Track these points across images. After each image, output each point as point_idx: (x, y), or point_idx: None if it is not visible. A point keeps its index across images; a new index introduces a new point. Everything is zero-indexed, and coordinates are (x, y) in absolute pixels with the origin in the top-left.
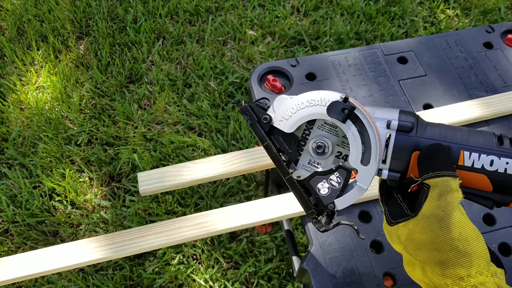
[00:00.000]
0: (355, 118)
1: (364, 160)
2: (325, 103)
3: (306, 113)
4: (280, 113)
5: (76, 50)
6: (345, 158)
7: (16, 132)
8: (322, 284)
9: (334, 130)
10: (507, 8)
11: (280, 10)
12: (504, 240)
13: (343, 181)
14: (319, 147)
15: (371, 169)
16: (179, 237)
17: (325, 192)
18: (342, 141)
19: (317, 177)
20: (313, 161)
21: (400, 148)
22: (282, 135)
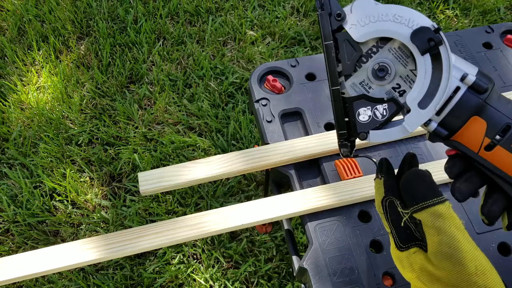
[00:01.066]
0: (436, 56)
1: (422, 103)
2: (413, 25)
3: (387, 28)
4: (356, 16)
5: (77, 50)
6: (402, 93)
7: (17, 132)
8: (321, 284)
9: (404, 59)
10: (506, 9)
11: (280, 10)
12: (503, 240)
13: (388, 115)
14: (381, 70)
15: (425, 114)
16: (179, 236)
17: (364, 119)
18: (407, 75)
19: (363, 100)
20: (366, 83)
21: (463, 106)
22: (347, 41)
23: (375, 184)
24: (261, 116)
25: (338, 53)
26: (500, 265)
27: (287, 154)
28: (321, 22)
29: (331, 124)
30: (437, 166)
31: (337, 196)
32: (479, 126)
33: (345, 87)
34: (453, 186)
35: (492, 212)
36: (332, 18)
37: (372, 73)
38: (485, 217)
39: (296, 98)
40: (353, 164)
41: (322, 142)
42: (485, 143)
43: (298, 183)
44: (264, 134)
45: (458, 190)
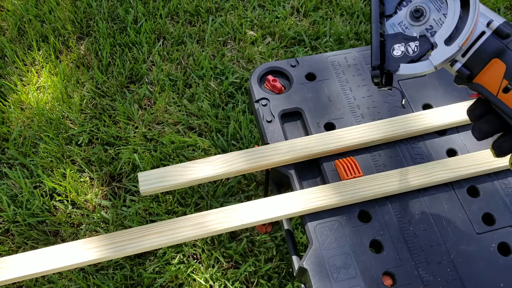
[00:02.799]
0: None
1: (448, 40)
2: None
3: None
4: None
5: (77, 50)
6: (433, 34)
7: (16, 132)
8: (321, 284)
9: (439, 4)
10: (506, 9)
11: (280, 10)
12: (503, 240)
13: (419, 51)
14: (417, 11)
15: (450, 50)
16: (179, 236)
17: (397, 53)
18: (440, 18)
19: (398, 37)
20: (404, 23)
21: (486, 49)
22: None
23: None
24: (261, 116)
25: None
26: (500, 265)
27: (287, 154)
28: None
29: (331, 124)
30: (437, 166)
31: (337, 196)
32: (499, 69)
33: (385, 26)
34: (474, 126)
35: (502, 148)
36: None
37: (409, 15)
38: (495, 151)
39: (296, 98)
40: (353, 164)
41: (322, 142)
42: (503, 85)
43: (298, 183)
44: (264, 134)
45: (478, 129)
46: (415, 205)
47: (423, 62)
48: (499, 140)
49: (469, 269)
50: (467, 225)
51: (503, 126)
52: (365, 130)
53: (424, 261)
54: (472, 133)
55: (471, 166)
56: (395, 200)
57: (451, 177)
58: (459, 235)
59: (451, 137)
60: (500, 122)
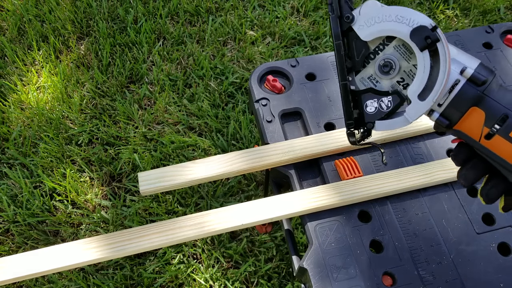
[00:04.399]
0: (434, 51)
1: (422, 95)
2: (413, 24)
3: (390, 28)
4: (364, 18)
5: (77, 50)
6: (405, 86)
7: (16, 132)
8: (321, 284)
9: (408, 55)
10: (506, 9)
11: (280, 10)
12: (503, 240)
13: (392, 106)
14: (386, 65)
15: (424, 106)
16: (179, 236)
17: (371, 110)
18: (410, 69)
19: (370, 93)
20: (373, 77)
21: (462, 98)
22: (356, 40)
23: None
24: (261, 116)
25: (348, 51)
26: (500, 265)
27: (287, 154)
28: (331, 23)
29: (331, 124)
30: (437, 166)
31: (337, 196)
32: (478, 116)
33: (355, 81)
34: (459, 173)
35: (490, 194)
36: (342, 20)
37: (379, 68)
38: (483, 198)
39: (296, 98)
40: (353, 164)
41: (322, 142)
42: (485, 132)
43: (298, 183)
44: (264, 134)
45: (463, 176)
46: (415, 205)
47: (398, 119)
48: (486, 187)
49: (469, 269)
50: (467, 225)
51: (488, 169)
52: None
53: (424, 261)
54: (458, 180)
55: None
56: (395, 200)
57: (451, 177)
58: (459, 235)
59: (451, 137)
60: (486, 166)
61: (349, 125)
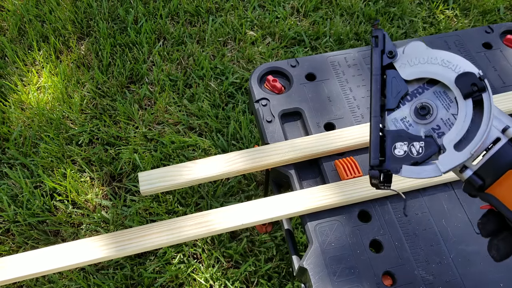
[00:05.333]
0: (478, 102)
1: (458, 145)
2: (459, 71)
3: (434, 70)
4: (407, 57)
5: (77, 50)
6: (440, 135)
7: (17, 132)
8: (321, 283)
9: (448, 103)
10: (506, 9)
11: (280, 10)
12: None
13: (424, 153)
14: (423, 108)
15: (460, 157)
16: (179, 236)
17: (399, 153)
18: (448, 118)
19: (401, 135)
20: (407, 120)
21: (500, 158)
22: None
23: None
24: (261, 116)
25: (384, 88)
26: (500, 265)
27: (287, 154)
28: (374, 56)
29: (331, 124)
30: None
31: (337, 196)
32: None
33: (386, 120)
34: (490, 244)
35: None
36: (384, 55)
37: (415, 111)
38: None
39: (296, 98)
40: (353, 164)
41: (322, 142)
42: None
43: (298, 183)
44: (264, 134)
45: (496, 248)
46: (415, 205)
47: (429, 167)
48: None
49: (469, 269)
50: (467, 225)
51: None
52: (365, 130)
53: (424, 261)
54: (489, 252)
55: None
56: (395, 200)
57: (451, 177)
58: (459, 235)
59: None
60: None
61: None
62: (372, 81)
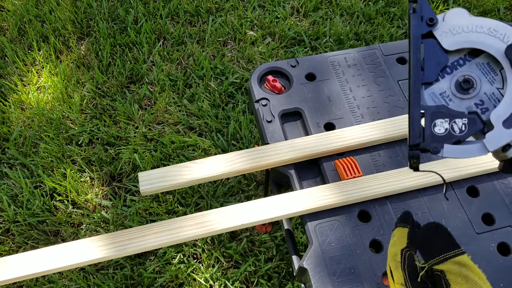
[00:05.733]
0: None
1: (507, 121)
2: (508, 41)
3: (480, 40)
4: (449, 25)
5: (77, 50)
6: (484, 111)
7: (17, 132)
8: (321, 283)
9: (492, 76)
10: (506, 9)
11: (280, 11)
12: (503, 239)
13: (467, 131)
14: (466, 81)
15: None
16: (179, 236)
17: (440, 131)
18: (493, 92)
19: (442, 111)
20: (447, 94)
21: None
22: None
23: (396, 232)
24: (261, 116)
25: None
26: (499, 265)
27: (287, 154)
28: (412, 22)
29: (331, 124)
30: (437, 166)
31: (337, 196)
32: None
33: (423, 95)
34: None
35: None
36: (423, 22)
37: (456, 85)
38: None
39: (296, 98)
40: (353, 164)
41: (322, 142)
42: None
43: (298, 183)
44: (264, 134)
45: None
46: (415, 205)
47: (474, 146)
48: None
49: None
50: (466, 225)
51: None
52: (365, 130)
53: None
54: None
55: (471, 166)
56: (395, 200)
57: (451, 177)
58: (459, 235)
59: None
60: None
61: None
62: (411, 51)
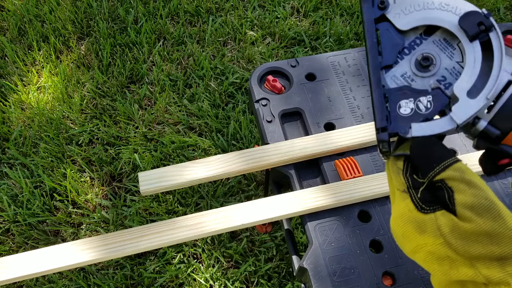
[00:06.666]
0: (486, 42)
1: (471, 92)
2: (460, 12)
3: (433, 16)
4: (400, 4)
5: (77, 50)
6: (447, 86)
7: (17, 132)
8: (321, 283)
9: (450, 50)
10: (506, 9)
11: (280, 11)
12: None
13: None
14: (426, 59)
15: (476, 104)
16: (179, 236)
17: (406, 111)
18: (453, 67)
19: (405, 92)
20: (408, 75)
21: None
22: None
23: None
24: (261, 116)
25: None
26: None
27: (287, 154)
28: (363, 8)
29: (331, 124)
30: None
31: (337, 196)
32: None
33: (385, 79)
34: None
35: None
36: (375, 6)
37: (416, 64)
38: None
39: (296, 98)
40: (353, 164)
41: (322, 142)
42: None
43: (298, 183)
44: (264, 134)
45: None
46: None
47: (441, 120)
48: None
49: None
50: None
51: None
52: (365, 130)
53: None
54: None
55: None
56: None
57: None
58: None
59: (450, 138)
60: None
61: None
62: (366, 37)
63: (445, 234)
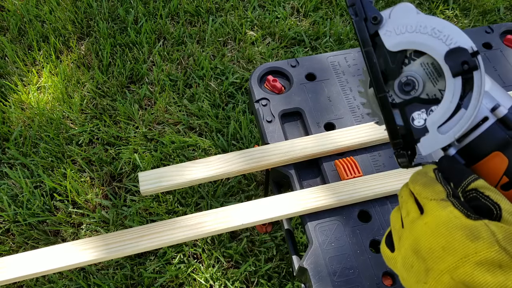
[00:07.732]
0: (468, 80)
1: (442, 128)
2: (450, 43)
3: (422, 41)
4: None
5: (77, 50)
6: None
7: (17, 132)
8: (321, 283)
9: (436, 77)
10: (506, 9)
11: (280, 11)
12: None
13: None
14: (407, 84)
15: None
16: (179, 236)
17: (420, 124)
18: (435, 94)
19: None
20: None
21: (487, 139)
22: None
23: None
24: (261, 116)
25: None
26: None
27: (287, 154)
28: (356, 28)
29: (331, 124)
30: None
31: (337, 196)
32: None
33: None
34: None
35: None
36: (369, 22)
37: (399, 86)
38: None
39: (296, 98)
40: (353, 164)
41: (322, 142)
42: (503, 181)
43: (298, 183)
44: (264, 134)
45: None
46: None
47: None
48: None
49: None
50: None
51: None
52: (365, 130)
53: None
54: None
55: None
56: (395, 200)
57: None
58: None
59: None
60: None
61: (396, 145)
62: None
63: (500, 240)
